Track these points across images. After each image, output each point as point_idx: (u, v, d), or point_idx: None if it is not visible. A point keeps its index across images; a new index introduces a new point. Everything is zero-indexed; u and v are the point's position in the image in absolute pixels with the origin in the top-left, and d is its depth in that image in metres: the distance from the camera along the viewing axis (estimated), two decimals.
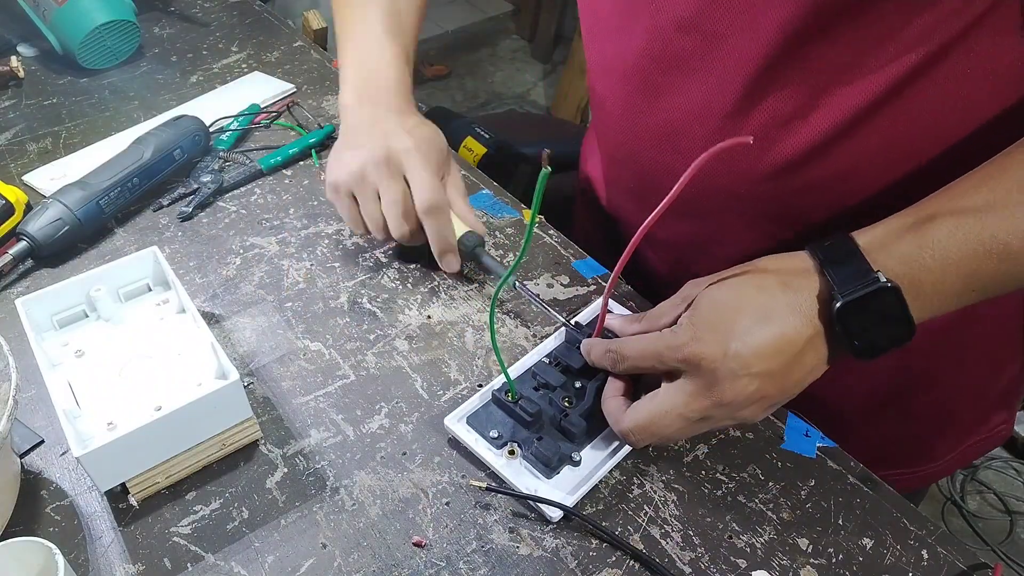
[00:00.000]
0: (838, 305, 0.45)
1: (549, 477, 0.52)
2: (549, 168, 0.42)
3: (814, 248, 0.49)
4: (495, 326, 0.60)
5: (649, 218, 0.46)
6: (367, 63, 0.72)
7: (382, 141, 0.65)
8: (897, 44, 0.49)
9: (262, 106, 0.92)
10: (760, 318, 0.47)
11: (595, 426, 0.55)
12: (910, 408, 0.71)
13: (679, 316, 0.50)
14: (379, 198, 0.65)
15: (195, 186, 0.79)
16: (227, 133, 0.87)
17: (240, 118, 0.89)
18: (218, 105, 0.92)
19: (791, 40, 0.50)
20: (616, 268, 0.50)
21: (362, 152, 0.64)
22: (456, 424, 0.56)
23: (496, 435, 0.55)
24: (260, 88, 0.96)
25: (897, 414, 0.71)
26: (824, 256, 0.48)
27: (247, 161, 0.83)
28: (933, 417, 0.73)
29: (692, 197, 0.60)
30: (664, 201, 0.45)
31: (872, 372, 0.67)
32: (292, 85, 0.97)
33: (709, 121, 0.57)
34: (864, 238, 0.48)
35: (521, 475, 0.53)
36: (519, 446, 0.54)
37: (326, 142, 0.87)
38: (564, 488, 0.52)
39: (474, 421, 0.56)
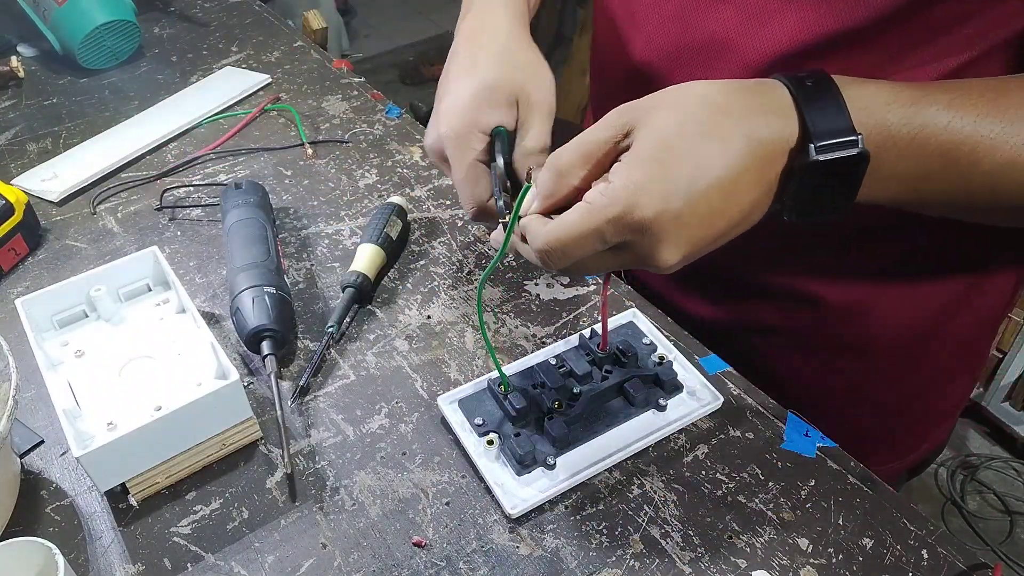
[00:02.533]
0: (811, 160, 0.40)
1: (519, 474, 0.52)
2: (531, 184, 0.43)
3: (792, 82, 0.43)
4: (483, 316, 0.59)
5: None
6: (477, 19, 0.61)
7: (434, 122, 0.55)
8: (898, 68, 0.49)
9: (240, 97, 0.94)
10: (715, 175, 0.40)
11: (580, 435, 0.55)
12: (867, 403, 0.71)
13: (610, 156, 0.42)
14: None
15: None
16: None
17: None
18: (196, 102, 0.93)
19: (807, 47, 0.51)
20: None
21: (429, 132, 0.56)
22: (447, 405, 0.57)
23: (480, 422, 0.55)
24: (235, 81, 0.96)
25: (857, 408, 0.71)
26: (804, 97, 0.42)
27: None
28: (887, 415, 0.73)
29: None
30: None
31: (840, 371, 0.69)
32: (267, 76, 0.97)
33: None
34: (850, 89, 0.42)
35: (492, 465, 0.53)
36: (499, 437, 0.54)
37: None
38: (532, 488, 0.52)
39: (464, 405, 0.57)
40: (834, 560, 0.49)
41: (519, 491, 0.52)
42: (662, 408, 0.56)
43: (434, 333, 0.65)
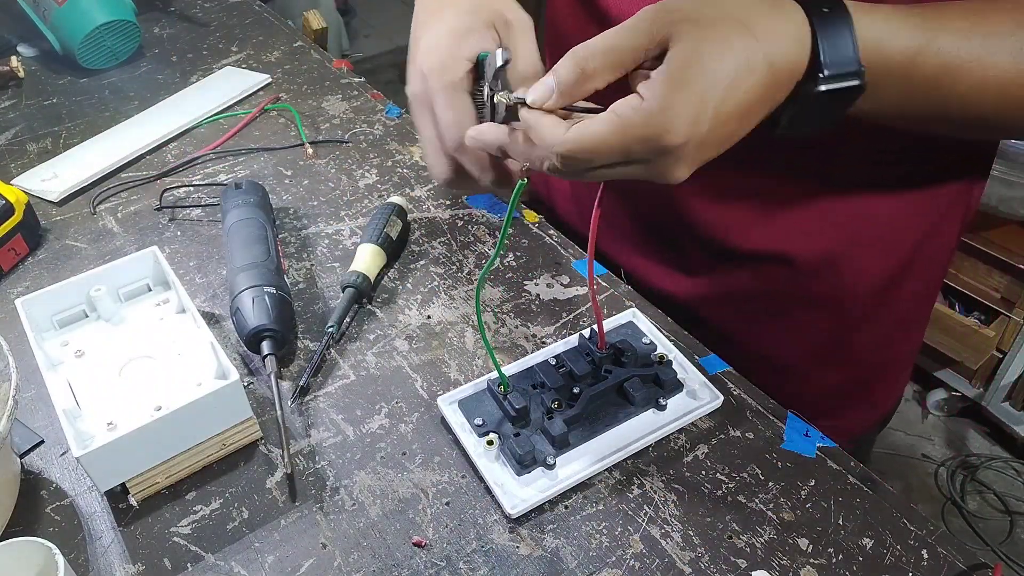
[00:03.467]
0: (814, 90, 0.42)
1: (519, 474, 0.52)
2: (526, 180, 0.43)
3: (810, 5, 0.43)
4: (483, 316, 0.59)
5: (597, 197, 0.46)
6: None
7: (412, 68, 0.53)
8: None
9: (240, 97, 0.94)
10: (737, 99, 0.41)
11: (580, 435, 0.55)
12: (835, 364, 0.73)
13: (638, 64, 0.42)
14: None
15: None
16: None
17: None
18: (196, 102, 0.93)
19: None
20: (589, 255, 0.49)
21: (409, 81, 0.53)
22: (447, 405, 0.57)
23: (480, 423, 0.55)
24: (235, 81, 0.96)
25: (822, 369, 0.73)
26: (820, 27, 0.43)
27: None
28: (860, 369, 0.74)
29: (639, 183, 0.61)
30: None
31: (808, 330, 0.70)
32: (267, 76, 0.97)
33: None
34: (863, 20, 0.44)
35: (492, 465, 0.53)
36: (499, 437, 0.54)
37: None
38: (532, 488, 0.52)
39: (464, 406, 0.57)
40: (834, 560, 0.49)
41: (519, 491, 0.52)
42: (662, 407, 0.56)
43: (434, 333, 0.65)
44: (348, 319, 0.65)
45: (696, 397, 0.58)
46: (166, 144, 0.87)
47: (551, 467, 0.52)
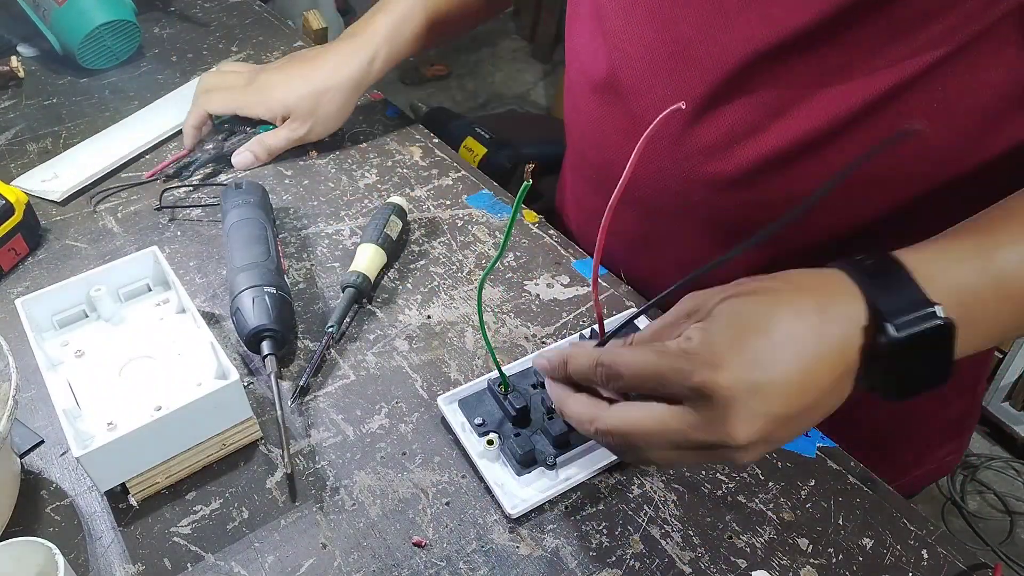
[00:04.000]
0: (890, 339, 0.38)
1: (519, 474, 0.52)
2: (530, 181, 0.43)
3: (850, 266, 0.42)
4: (484, 316, 0.58)
5: (609, 204, 0.44)
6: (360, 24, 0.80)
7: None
8: (870, 66, 0.49)
9: None
10: (793, 348, 0.39)
11: (581, 435, 0.53)
12: (867, 426, 0.69)
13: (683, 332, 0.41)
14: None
15: (198, 154, 0.83)
16: None
17: None
18: (190, 101, 0.93)
19: (758, 54, 0.51)
20: (594, 265, 0.49)
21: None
22: (447, 405, 0.57)
23: (480, 422, 0.55)
24: None
25: (857, 429, 0.70)
26: (867, 279, 0.41)
27: (247, 130, 0.87)
28: (888, 439, 0.71)
29: (647, 194, 0.61)
30: (617, 189, 0.43)
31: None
32: None
33: (672, 123, 0.56)
34: (912, 259, 0.41)
35: (493, 465, 0.53)
36: (499, 437, 0.54)
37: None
38: (532, 488, 0.52)
39: (464, 405, 0.57)
40: (834, 560, 0.49)
41: (519, 491, 0.52)
42: None
43: (434, 333, 0.65)
44: (348, 319, 0.65)
45: None
46: (165, 143, 0.87)
47: (552, 467, 0.52)
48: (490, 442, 0.54)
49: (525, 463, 0.52)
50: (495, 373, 0.56)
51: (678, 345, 0.40)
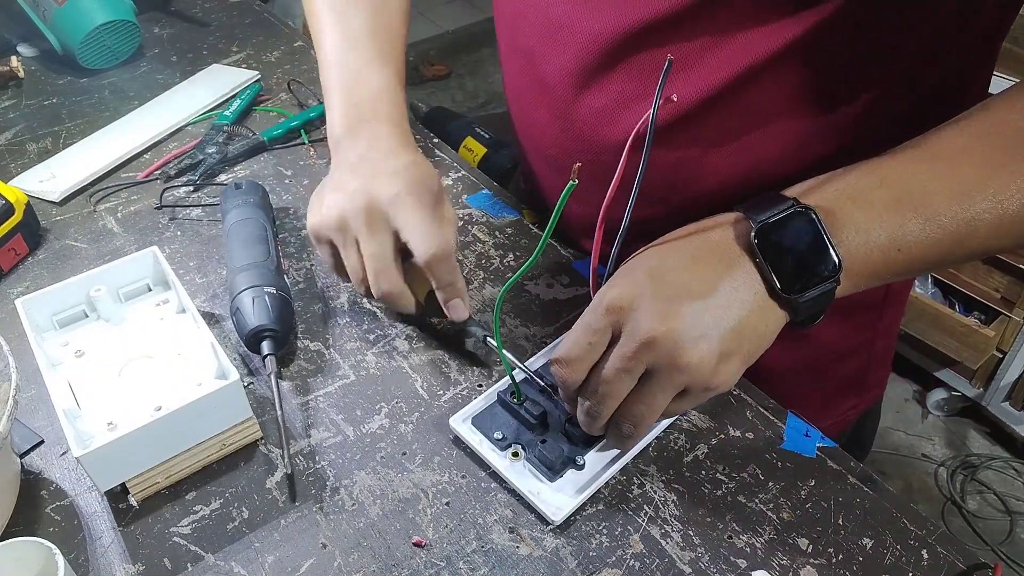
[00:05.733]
0: (753, 232, 0.46)
1: (552, 480, 0.52)
2: (575, 181, 0.43)
3: (741, 205, 0.49)
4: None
5: (605, 201, 0.48)
6: (357, 90, 0.65)
7: (366, 184, 0.58)
8: (738, 43, 0.53)
9: (229, 94, 0.94)
10: (673, 254, 0.48)
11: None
12: (786, 370, 0.71)
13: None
14: (359, 250, 0.58)
15: (200, 157, 0.82)
16: (231, 109, 0.89)
17: (243, 94, 0.91)
18: (186, 100, 0.93)
19: (627, 34, 0.55)
20: (593, 259, 0.51)
21: (343, 197, 0.58)
22: (461, 424, 0.56)
23: (500, 436, 0.55)
24: (223, 79, 0.97)
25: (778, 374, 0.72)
26: (745, 205, 0.48)
27: (251, 134, 0.87)
28: (787, 388, 0.72)
29: (556, 154, 0.68)
30: (612, 186, 0.47)
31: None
32: (256, 72, 0.97)
33: (575, 84, 0.60)
34: (792, 189, 0.49)
35: (524, 476, 0.53)
36: (523, 448, 0.54)
37: (322, 118, 0.89)
38: (566, 491, 0.52)
39: (479, 422, 0.56)
40: (834, 560, 0.49)
41: (555, 497, 0.52)
42: None
43: (434, 333, 0.65)
44: (348, 319, 0.65)
45: None
46: (164, 142, 0.87)
47: (580, 467, 0.53)
48: (515, 454, 0.54)
49: (556, 468, 0.52)
50: (502, 383, 0.56)
51: (596, 297, 0.48)
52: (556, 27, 0.59)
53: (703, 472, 0.54)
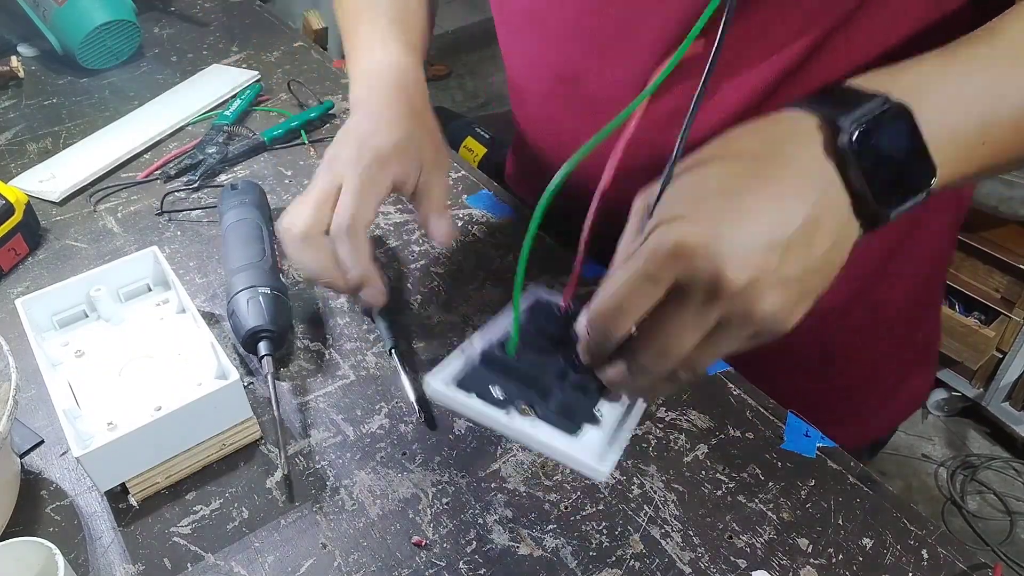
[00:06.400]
0: (849, 136, 0.38)
1: (575, 435, 0.46)
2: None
3: (793, 103, 0.41)
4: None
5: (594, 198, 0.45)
6: (375, 61, 0.63)
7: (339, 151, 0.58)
8: (801, 17, 0.50)
9: (229, 94, 0.94)
10: (751, 178, 0.39)
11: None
12: (838, 366, 0.70)
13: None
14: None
15: (200, 157, 0.82)
16: (231, 109, 0.89)
17: (243, 94, 0.91)
18: (186, 100, 0.93)
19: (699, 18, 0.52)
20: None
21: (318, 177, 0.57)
22: (445, 388, 0.48)
23: (501, 396, 0.47)
24: (223, 79, 0.97)
25: (827, 373, 0.71)
26: (813, 100, 0.41)
27: (251, 134, 0.87)
28: (859, 376, 0.72)
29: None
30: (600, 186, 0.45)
31: (800, 332, 0.67)
32: (256, 72, 0.97)
33: (627, 100, 0.57)
34: (858, 80, 0.41)
35: (548, 434, 0.46)
36: (532, 407, 0.47)
37: (322, 119, 0.90)
38: (594, 449, 0.45)
39: (465, 385, 0.48)
40: (834, 560, 0.49)
41: (590, 453, 0.45)
42: None
43: (434, 333, 0.65)
44: (348, 319, 0.65)
45: None
46: (164, 142, 0.87)
47: (597, 422, 0.47)
48: (525, 411, 0.46)
49: (578, 421, 0.46)
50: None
51: (641, 241, 0.39)
52: (605, 41, 0.56)
53: (703, 472, 0.54)
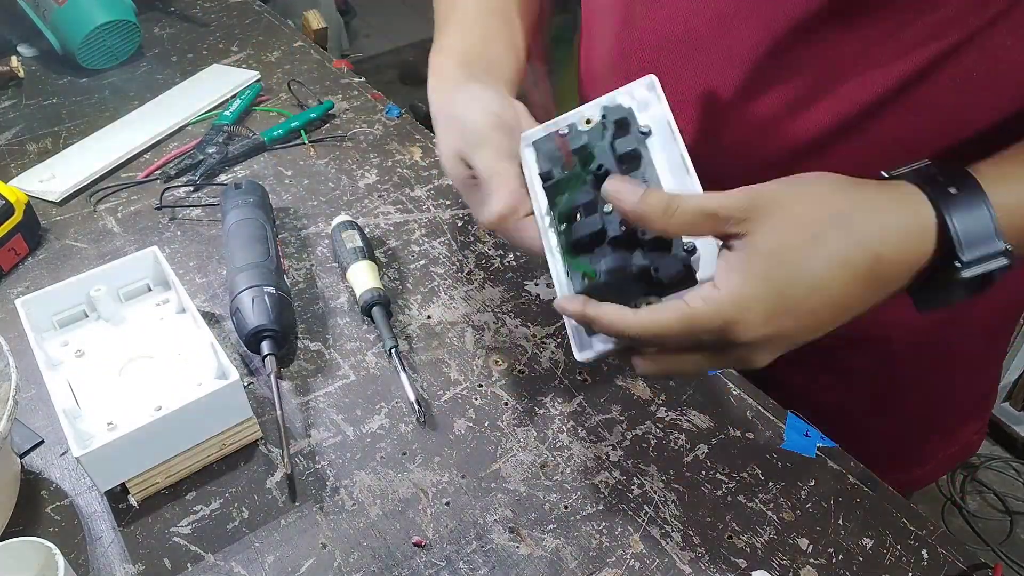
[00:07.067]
0: (956, 278, 0.39)
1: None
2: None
3: (930, 187, 0.40)
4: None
5: None
6: (470, 37, 0.60)
7: (443, 133, 0.53)
8: (907, 39, 0.49)
9: (229, 94, 0.94)
10: (829, 297, 0.39)
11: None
12: (895, 412, 0.69)
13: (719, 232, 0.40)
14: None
15: (201, 157, 0.82)
16: (231, 109, 0.89)
17: (243, 94, 0.91)
18: (186, 100, 0.93)
19: (801, 26, 0.50)
20: None
21: (440, 144, 0.54)
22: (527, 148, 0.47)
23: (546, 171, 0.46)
24: (223, 79, 0.97)
25: (884, 417, 0.70)
26: (944, 203, 0.40)
27: (251, 134, 0.87)
28: (916, 421, 0.71)
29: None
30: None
31: (859, 375, 0.66)
32: (256, 72, 0.97)
33: (714, 103, 0.55)
34: (993, 187, 0.40)
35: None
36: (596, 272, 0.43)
37: (322, 118, 0.90)
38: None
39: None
40: (834, 560, 0.49)
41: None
42: None
43: (434, 333, 0.65)
44: (348, 319, 0.65)
45: None
46: (164, 141, 0.87)
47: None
48: (591, 275, 0.43)
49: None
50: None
51: (705, 302, 0.39)
52: (692, 44, 0.55)
53: (703, 472, 0.54)
